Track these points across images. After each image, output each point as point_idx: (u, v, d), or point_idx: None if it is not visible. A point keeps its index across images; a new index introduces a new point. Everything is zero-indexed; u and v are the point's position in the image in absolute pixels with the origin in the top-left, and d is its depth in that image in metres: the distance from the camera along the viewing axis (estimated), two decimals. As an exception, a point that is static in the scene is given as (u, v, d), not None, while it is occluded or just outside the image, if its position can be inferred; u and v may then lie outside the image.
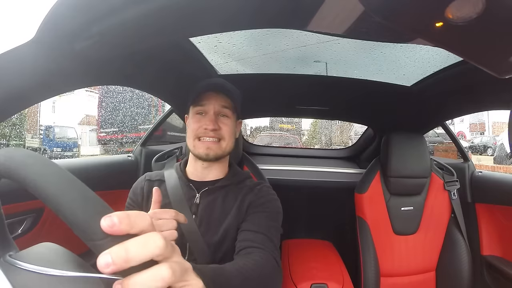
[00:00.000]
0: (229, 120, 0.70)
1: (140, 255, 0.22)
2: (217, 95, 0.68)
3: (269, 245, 0.59)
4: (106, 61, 0.60)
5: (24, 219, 0.77)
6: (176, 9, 0.40)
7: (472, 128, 13.21)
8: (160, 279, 0.22)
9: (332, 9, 0.39)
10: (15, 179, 0.25)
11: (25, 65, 0.43)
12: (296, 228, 1.53)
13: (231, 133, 0.71)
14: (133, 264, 0.21)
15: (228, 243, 0.65)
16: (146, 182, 0.73)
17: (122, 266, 0.21)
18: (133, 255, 0.21)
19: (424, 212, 1.16)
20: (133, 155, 1.25)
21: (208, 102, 0.68)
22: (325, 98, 1.25)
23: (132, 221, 0.23)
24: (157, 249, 0.23)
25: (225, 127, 0.69)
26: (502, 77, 0.40)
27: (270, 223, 0.64)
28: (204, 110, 0.69)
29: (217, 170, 0.73)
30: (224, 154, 0.70)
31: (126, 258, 0.21)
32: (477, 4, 0.30)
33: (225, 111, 0.69)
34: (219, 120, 0.69)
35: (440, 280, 1.13)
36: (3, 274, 0.25)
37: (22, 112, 7.52)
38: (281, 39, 0.80)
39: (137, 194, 0.71)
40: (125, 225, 0.22)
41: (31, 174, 0.25)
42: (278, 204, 0.70)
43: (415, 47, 0.80)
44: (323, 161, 1.64)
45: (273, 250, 0.59)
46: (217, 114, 0.69)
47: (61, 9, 0.37)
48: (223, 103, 0.69)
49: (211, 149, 0.67)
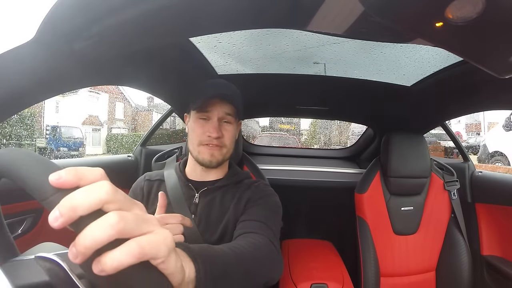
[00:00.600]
0: (231, 127, 0.70)
1: (86, 201, 0.21)
2: (222, 102, 0.68)
3: (267, 231, 0.57)
4: (106, 61, 0.60)
5: (24, 219, 0.77)
6: (176, 9, 0.40)
7: (469, 128, 13.25)
8: (108, 226, 0.20)
9: (332, 9, 0.39)
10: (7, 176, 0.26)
11: (25, 65, 0.43)
12: (296, 228, 1.53)
13: (232, 139, 0.71)
14: (80, 212, 0.20)
15: (227, 241, 0.64)
16: (145, 182, 0.73)
17: (70, 216, 0.20)
18: (78, 203, 0.20)
19: (424, 212, 1.16)
20: (133, 155, 1.25)
21: (213, 108, 0.68)
22: (325, 98, 1.25)
23: (80, 172, 0.22)
24: (104, 194, 0.21)
25: (227, 134, 0.69)
26: (502, 77, 0.40)
27: (268, 213, 0.64)
28: (208, 116, 0.69)
29: (217, 172, 0.73)
30: (225, 160, 0.71)
31: (71, 206, 0.20)
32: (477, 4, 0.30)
33: (228, 118, 0.69)
34: (222, 127, 0.69)
35: (440, 280, 1.13)
36: (6, 279, 0.25)
37: (32, 113, 7.56)
38: (281, 39, 0.80)
39: (137, 194, 0.72)
40: (72, 176, 0.21)
41: (7, 162, 0.25)
42: (276, 199, 0.71)
43: (415, 47, 0.80)
44: (323, 161, 1.64)
45: (271, 236, 0.57)
46: (220, 120, 0.69)
47: (61, 9, 0.37)
48: (227, 110, 0.69)
49: (215, 157, 0.68)
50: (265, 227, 0.59)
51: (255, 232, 0.56)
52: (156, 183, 0.73)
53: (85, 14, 0.39)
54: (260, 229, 0.57)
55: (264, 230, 0.57)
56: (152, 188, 0.72)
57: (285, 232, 0.77)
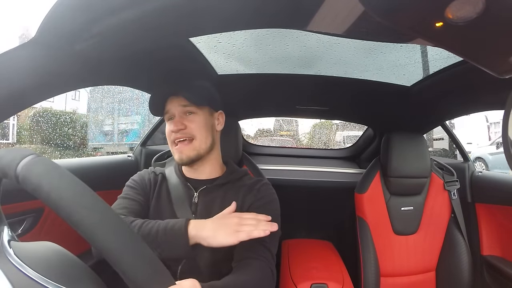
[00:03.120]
0: (196, 116, 0.68)
1: None
2: (177, 97, 0.67)
3: (266, 255, 0.60)
4: (106, 61, 0.60)
5: (24, 219, 0.77)
6: (176, 9, 0.40)
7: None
8: None
9: (332, 9, 0.39)
10: (42, 199, 0.25)
11: (25, 65, 0.43)
12: (296, 228, 1.53)
13: (201, 128, 0.68)
14: None
15: None
16: (152, 174, 0.74)
17: None
18: None
19: (424, 212, 1.16)
20: (133, 155, 1.25)
21: (170, 106, 0.68)
22: (325, 98, 1.25)
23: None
24: None
25: (191, 124, 0.67)
26: (502, 77, 0.39)
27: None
28: (171, 115, 0.69)
29: (208, 168, 0.73)
30: (200, 153, 0.69)
31: None
32: (477, 4, 0.30)
33: (189, 109, 0.68)
34: (186, 119, 0.68)
35: (440, 280, 1.13)
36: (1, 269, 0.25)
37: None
38: (281, 39, 0.80)
39: (145, 184, 0.71)
40: None
41: (67, 204, 0.25)
42: (277, 206, 0.71)
43: (415, 47, 0.80)
44: (323, 161, 1.64)
45: (270, 260, 0.61)
46: (182, 114, 0.68)
47: (61, 9, 0.37)
48: (183, 102, 0.67)
49: (183, 153, 0.67)
50: (266, 251, 0.61)
51: (257, 258, 0.59)
52: (160, 177, 0.74)
53: (85, 14, 0.39)
54: (261, 254, 0.60)
55: (265, 255, 0.60)
56: (157, 182, 0.73)
57: (285, 232, 0.77)
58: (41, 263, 0.28)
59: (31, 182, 0.25)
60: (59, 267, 0.29)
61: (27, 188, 0.26)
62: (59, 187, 0.25)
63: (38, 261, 0.29)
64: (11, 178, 0.26)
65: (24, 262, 0.27)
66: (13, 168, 0.26)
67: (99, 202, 0.25)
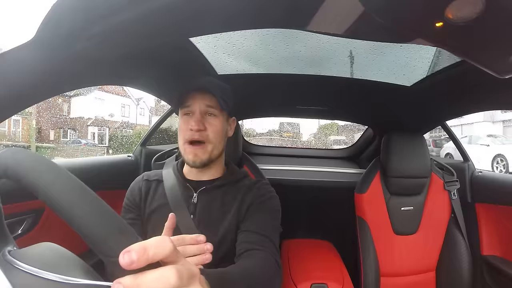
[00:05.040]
0: (216, 120, 0.68)
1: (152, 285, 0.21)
2: (203, 95, 0.67)
3: (269, 246, 0.59)
4: (106, 61, 0.60)
5: (24, 219, 0.77)
6: (176, 9, 0.40)
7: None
8: (166, 282, 0.21)
9: (332, 9, 0.39)
10: (24, 185, 0.25)
11: (25, 65, 0.43)
12: (296, 228, 1.53)
13: (218, 133, 0.68)
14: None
15: (227, 243, 0.64)
16: (144, 182, 0.73)
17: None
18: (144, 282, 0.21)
19: (424, 212, 1.16)
20: (133, 155, 1.25)
21: (193, 102, 0.67)
22: (325, 98, 1.25)
23: (151, 255, 0.22)
24: (167, 250, 0.23)
25: (211, 128, 0.67)
26: (502, 77, 0.40)
27: (270, 222, 0.65)
28: (191, 110, 0.67)
29: (212, 170, 0.72)
30: (212, 158, 0.68)
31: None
32: (477, 4, 0.30)
33: (211, 110, 0.67)
34: (206, 120, 0.67)
35: (440, 280, 1.13)
36: (2, 272, 0.25)
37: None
38: (281, 39, 0.80)
39: (135, 195, 0.71)
40: (144, 261, 0.21)
41: (42, 183, 0.25)
42: (277, 202, 0.71)
43: (415, 47, 0.80)
44: (323, 161, 1.64)
45: (274, 251, 0.59)
46: (203, 114, 0.67)
47: (61, 9, 0.37)
48: (208, 102, 0.67)
49: (197, 156, 0.66)
50: (268, 241, 0.60)
51: (259, 249, 0.57)
52: (154, 183, 0.72)
53: (86, 14, 0.39)
54: (264, 245, 0.59)
55: (267, 245, 0.59)
56: (150, 189, 0.71)
57: (285, 232, 0.77)
58: (40, 260, 0.28)
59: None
60: (58, 264, 0.29)
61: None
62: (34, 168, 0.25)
63: (37, 258, 0.29)
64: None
65: (24, 263, 0.27)
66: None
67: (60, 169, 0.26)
